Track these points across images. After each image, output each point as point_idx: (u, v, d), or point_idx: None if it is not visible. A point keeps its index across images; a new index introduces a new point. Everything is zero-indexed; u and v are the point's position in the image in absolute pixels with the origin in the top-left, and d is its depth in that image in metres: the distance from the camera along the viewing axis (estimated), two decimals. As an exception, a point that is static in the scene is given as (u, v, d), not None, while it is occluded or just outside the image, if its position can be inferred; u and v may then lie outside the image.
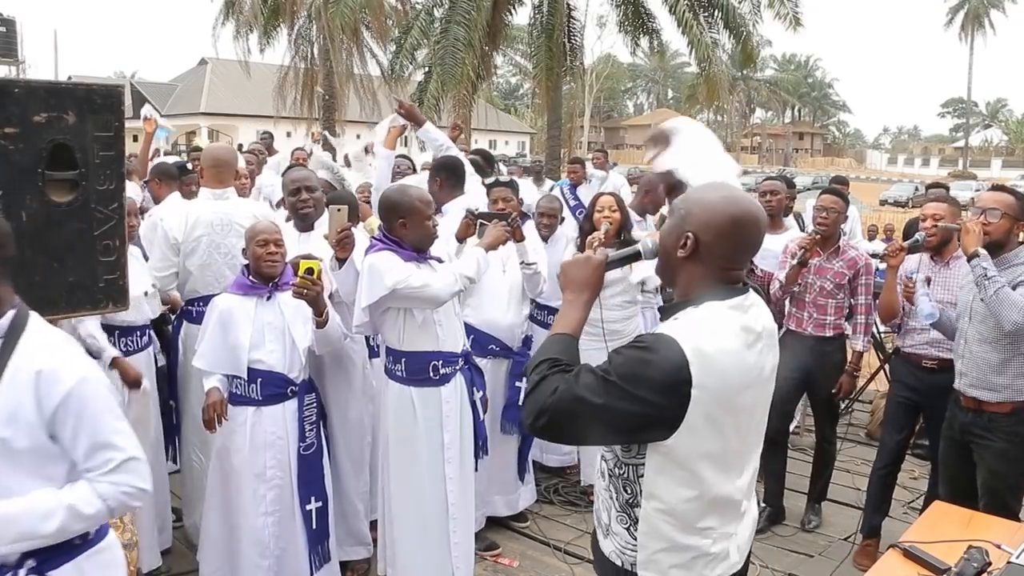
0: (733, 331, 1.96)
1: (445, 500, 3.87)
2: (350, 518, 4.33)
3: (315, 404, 3.89)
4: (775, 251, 5.12)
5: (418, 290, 3.61)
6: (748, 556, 2.17)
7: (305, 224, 4.24)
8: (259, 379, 3.71)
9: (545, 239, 5.37)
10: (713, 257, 1.99)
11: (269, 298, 3.75)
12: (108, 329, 3.97)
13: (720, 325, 1.94)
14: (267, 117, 28.44)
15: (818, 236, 4.76)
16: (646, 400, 1.85)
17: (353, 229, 3.74)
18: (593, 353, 2.47)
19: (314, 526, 3.83)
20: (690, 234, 1.98)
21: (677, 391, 1.85)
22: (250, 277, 3.77)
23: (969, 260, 3.75)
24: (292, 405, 3.78)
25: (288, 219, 4.36)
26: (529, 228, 4.94)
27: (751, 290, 2.06)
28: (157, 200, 5.68)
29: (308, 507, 3.81)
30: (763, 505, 5.13)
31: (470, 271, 3.77)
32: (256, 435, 3.74)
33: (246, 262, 3.80)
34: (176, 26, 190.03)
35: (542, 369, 1.97)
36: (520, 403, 4.52)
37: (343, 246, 3.66)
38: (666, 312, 2.06)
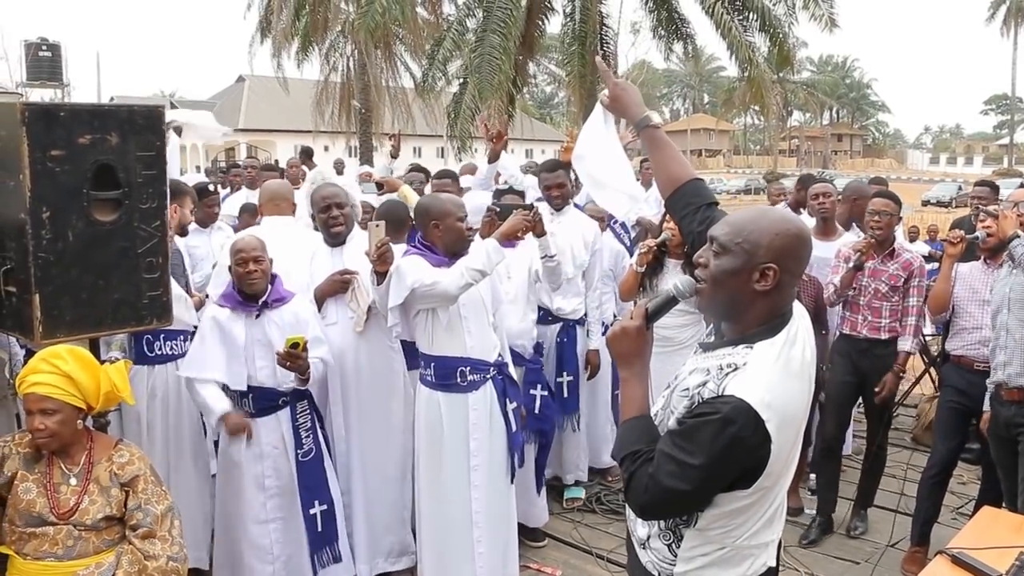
0: (792, 371, 1.95)
1: (470, 508, 3.89)
2: (395, 528, 4.36)
3: (308, 411, 3.96)
4: (828, 259, 5.06)
5: (430, 287, 3.68)
6: (779, 550, 2.18)
7: (336, 240, 4.30)
8: (251, 394, 3.85)
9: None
10: (791, 282, 1.97)
11: (258, 316, 3.83)
12: (154, 333, 4.08)
13: (779, 369, 1.92)
14: (305, 132, 28.73)
15: (873, 240, 4.72)
16: (731, 469, 1.89)
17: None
18: None
19: (319, 528, 3.91)
20: (772, 266, 1.93)
21: (759, 451, 1.87)
22: (238, 293, 3.86)
23: (1009, 242, 3.93)
24: (285, 414, 3.90)
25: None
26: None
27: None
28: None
29: (312, 511, 3.90)
30: (814, 516, 5.07)
31: (477, 263, 3.73)
32: (253, 447, 3.86)
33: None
34: (214, 45, 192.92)
35: (627, 465, 2.00)
36: (537, 411, 4.56)
37: (382, 260, 3.73)
38: (710, 349, 2.04)
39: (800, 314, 2.05)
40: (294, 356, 3.60)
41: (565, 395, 5.15)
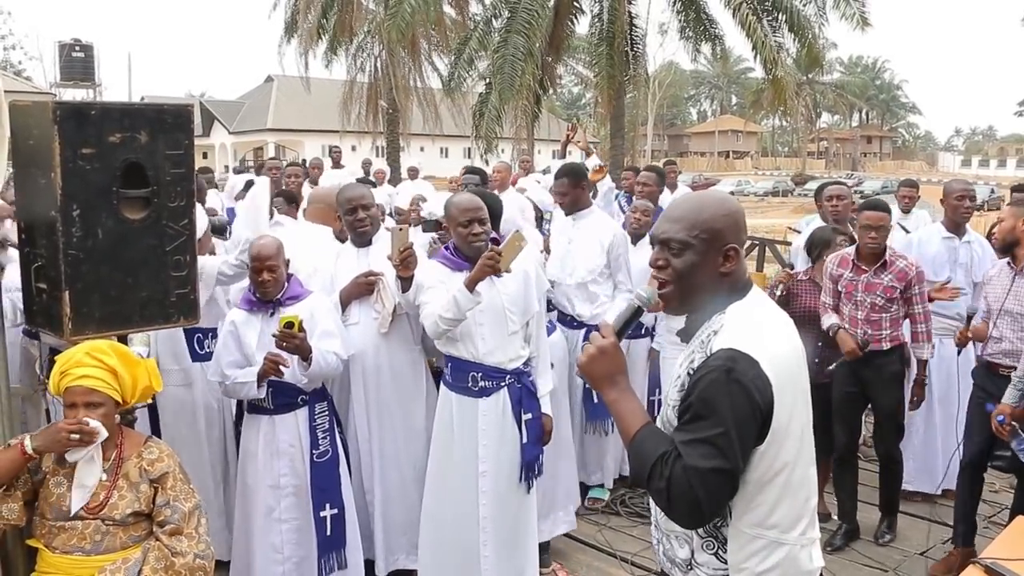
0: (773, 323, 2.06)
1: (477, 513, 3.86)
2: (415, 527, 4.31)
3: (327, 412, 3.97)
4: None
5: (419, 310, 3.86)
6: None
7: (362, 241, 4.29)
8: (270, 388, 3.83)
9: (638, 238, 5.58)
10: (740, 252, 2.07)
11: (272, 314, 3.83)
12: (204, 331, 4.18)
13: (758, 320, 2.03)
14: (332, 132, 28.81)
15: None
16: (752, 417, 1.90)
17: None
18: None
19: (328, 532, 3.89)
20: (733, 246, 2.04)
21: (766, 393, 1.90)
22: (254, 294, 3.89)
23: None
24: (303, 413, 3.89)
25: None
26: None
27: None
28: None
29: (323, 513, 3.87)
30: (839, 522, 5.02)
31: (448, 312, 3.65)
32: (270, 444, 3.86)
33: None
34: (244, 45, 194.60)
35: (660, 471, 1.93)
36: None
37: (406, 265, 3.73)
38: (685, 335, 2.12)
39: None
40: (289, 336, 3.57)
41: (595, 400, 5.11)
